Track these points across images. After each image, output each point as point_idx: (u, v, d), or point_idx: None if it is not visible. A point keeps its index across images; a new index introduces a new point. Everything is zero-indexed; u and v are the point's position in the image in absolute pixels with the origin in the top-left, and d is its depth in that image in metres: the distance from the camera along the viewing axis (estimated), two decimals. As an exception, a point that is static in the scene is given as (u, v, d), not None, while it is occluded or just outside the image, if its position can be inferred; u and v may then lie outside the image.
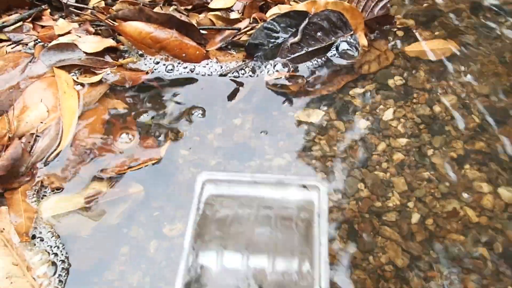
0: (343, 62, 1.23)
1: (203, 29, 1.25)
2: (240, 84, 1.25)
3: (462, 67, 1.33)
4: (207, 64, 1.25)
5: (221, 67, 1.25)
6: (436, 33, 1.35)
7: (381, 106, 1.21)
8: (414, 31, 1.34)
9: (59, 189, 1.01)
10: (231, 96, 1.22)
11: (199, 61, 1.18)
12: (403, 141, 1.16)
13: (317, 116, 1.16)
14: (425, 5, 1.50)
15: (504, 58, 1.35)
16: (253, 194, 0.85)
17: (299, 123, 1.15)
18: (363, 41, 1.31)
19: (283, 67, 1.25)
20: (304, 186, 0.88)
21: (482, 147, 1.15)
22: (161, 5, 1.30)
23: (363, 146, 1.15)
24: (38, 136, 1.06)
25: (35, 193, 1.01)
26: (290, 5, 1.32)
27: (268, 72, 1.20)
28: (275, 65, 1.21)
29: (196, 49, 1.23)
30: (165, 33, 1.22)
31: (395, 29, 1.38)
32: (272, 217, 0.75)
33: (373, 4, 1.32)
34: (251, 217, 0.76)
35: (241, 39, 1.25)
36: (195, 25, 1.24)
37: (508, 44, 1.39)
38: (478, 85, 1.29)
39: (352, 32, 1.27)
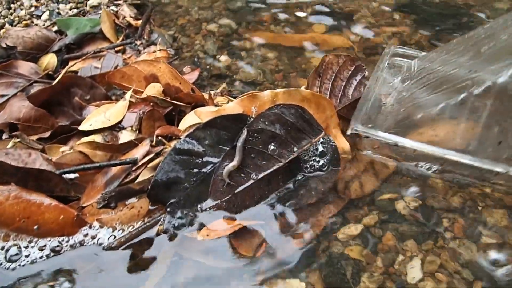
0: (319, 184, 0.80)
1: (69, 171, 0.70)
2: (149, 259, 0.71)
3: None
4: (86, 234, 0.70)
5: (111, 235, 0.70)
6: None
7: (398, 256, 0.71)
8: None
9: None
10: (138, 283, 0.67)
11: (68, 231, 0.68)
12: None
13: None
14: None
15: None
16: None
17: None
18: (343, 143, 0.82)
19: (224, 216, 0.73)
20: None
21: None
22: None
23: None
24: None
25: None
26: (216, 106, 0.81)
27: (196, 229, 0.74)
28: (206, 214, 0.69)
29: (59, 212, 0.68)
30: (-6, 195, 0.65)
31: (381, 114, 0.90)
32: None
33: (343, 84, 0.84)
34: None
35: (139, 178, 0.72)
36: (52, 168, 0.69)
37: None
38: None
39: (322, 134, 0.78)
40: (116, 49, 1.09)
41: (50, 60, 0.98)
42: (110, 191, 0.68)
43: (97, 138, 0.78)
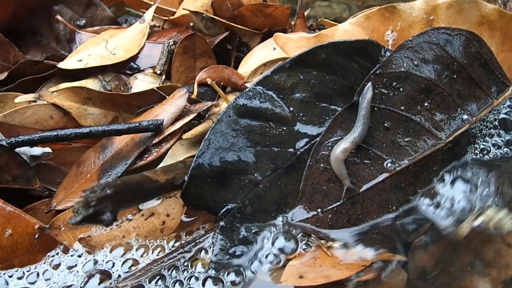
0: (502, 180, 0.44)
1: (29, 142, 0.36)
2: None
3: None
4: (56, 266, 0.36)
5: (111, 270, 0.35)
6: None
7: None
8: None
9: None
10: None
11: (23, 259, 0.38)
12: None
13: None
14: None
15: None
16: None
17: None
18: (538, 110, 0.45)
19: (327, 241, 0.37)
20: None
21: None
22: None
23: None
24: None
25: None
26: (310, 32, 0.45)
27: (273, 265, 0.40)
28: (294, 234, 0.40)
29: (6, 221, 0.34)
30: None
31: None
32: None
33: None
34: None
35: (165, 159, 0.38)
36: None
37: None
38: None
39: (510, 91, 0.41)
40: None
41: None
42: (104, 184, 0.33)
43: (91, 83, 0.43)
